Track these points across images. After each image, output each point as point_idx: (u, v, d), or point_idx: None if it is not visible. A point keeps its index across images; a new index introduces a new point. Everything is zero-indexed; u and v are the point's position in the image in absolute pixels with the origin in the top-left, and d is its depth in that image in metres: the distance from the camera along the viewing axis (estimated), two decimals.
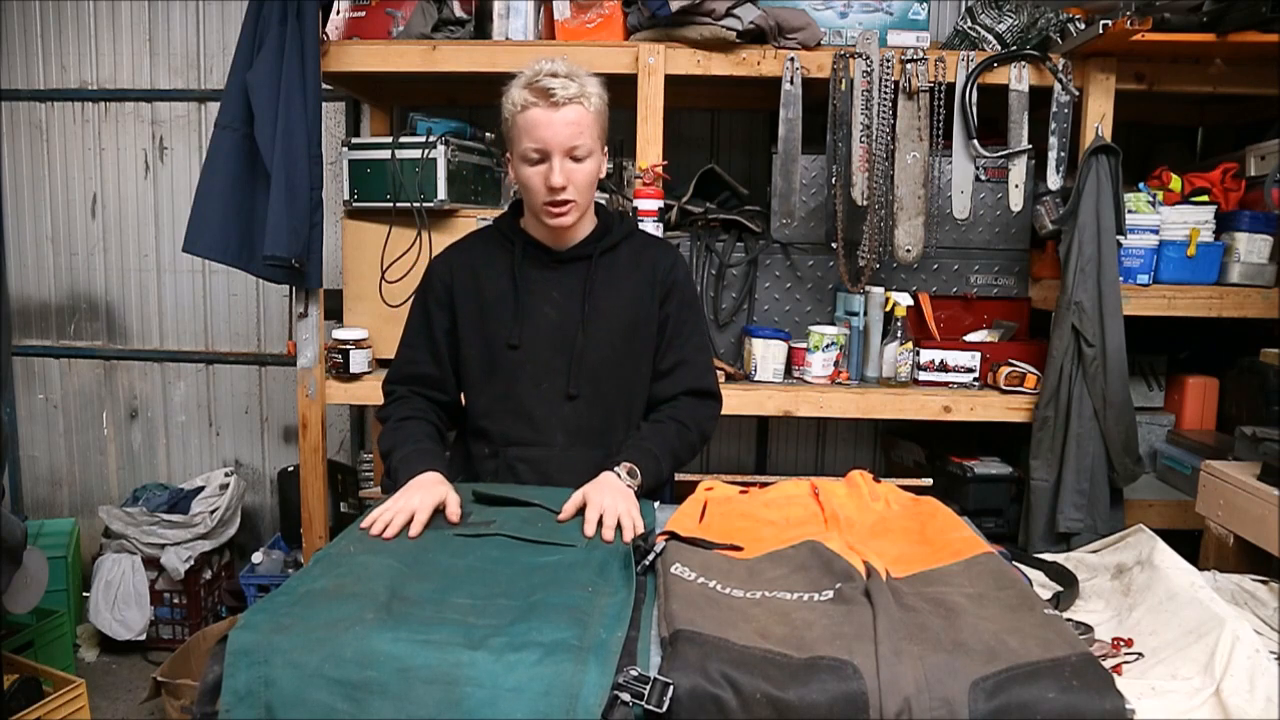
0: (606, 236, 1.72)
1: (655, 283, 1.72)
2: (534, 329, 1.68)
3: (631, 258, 1.73)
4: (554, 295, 1.69)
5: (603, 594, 1.12)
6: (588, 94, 1.57)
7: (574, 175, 1.58)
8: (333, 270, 2.85)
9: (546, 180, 1.57)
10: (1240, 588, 1.60)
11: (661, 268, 1.73)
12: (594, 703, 0.92)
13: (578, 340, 1.67)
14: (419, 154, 2.47)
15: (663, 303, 1.73)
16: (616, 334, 1.69)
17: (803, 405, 2.49)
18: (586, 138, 1.57)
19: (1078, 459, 2.37)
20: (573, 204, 1.61)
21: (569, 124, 1.55)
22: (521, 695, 0.92)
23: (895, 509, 1.48)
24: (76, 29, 3.36)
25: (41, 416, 3.55)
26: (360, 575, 1.13)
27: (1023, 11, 2.51)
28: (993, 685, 0.94)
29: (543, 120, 1.55)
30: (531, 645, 0.97)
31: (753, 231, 2.66)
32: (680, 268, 1.77)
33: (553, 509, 1.45)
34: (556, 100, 1.54)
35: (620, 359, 1.70)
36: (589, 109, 1.58)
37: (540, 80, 1.55)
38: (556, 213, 1.61)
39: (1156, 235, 2.47)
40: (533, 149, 1.57)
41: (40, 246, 3.47)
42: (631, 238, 1.76)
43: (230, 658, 0.97)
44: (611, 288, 1.70)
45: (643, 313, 1.72)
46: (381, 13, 2.59)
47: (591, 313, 1.67)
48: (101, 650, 3.16)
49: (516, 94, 1.57)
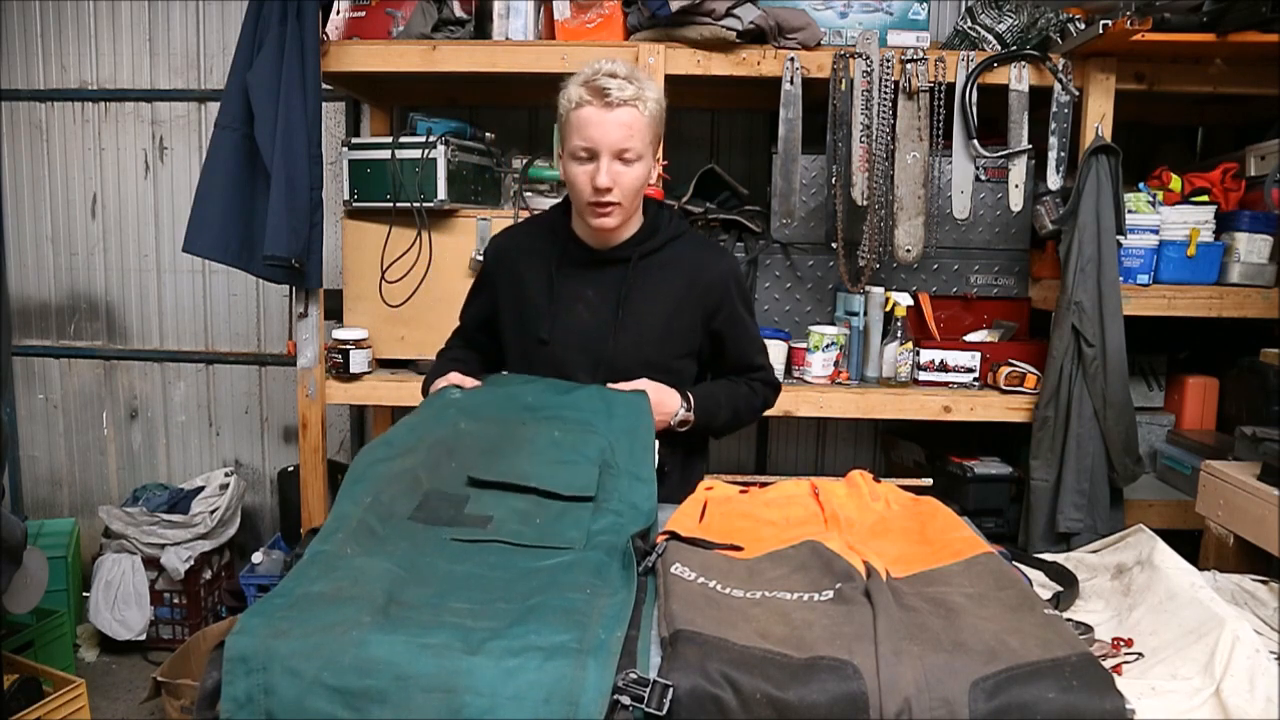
0: (650, 239, 1.69)
1: (701, 291, 1.69)
2: (565, 327, 1.68)
3: (676, 262, 1.70)
4: (588, 294, 1.68)
5: (601, 595, 1.12)
6: (644, 98, 1.56)
7: (621, 178, 1.57)
8: (333, 270, 2.85)
9: (593, 179, 1.56)
10: (1240, 588, 1.60)
11: (708, 277, 1.70)
12: (594, 708, 0.91)
13: (608, 346, 1.66)
14: (419, 154, 2.47)
15: (713, 314, 1.71)
16: (649, 341, 1.68)
17: (803, 405, 2.49)
18: (637, 141, 1.56)
19: (1078, 459, 2.37)
20: (617, 206, 1.59)
21: (621, 125, 1.54)
22: (522, 703, 0.92)
23: (895, 509, 1.48)
24: (76, 29, 3.36)
25: (41, 416, 3.55)
26: (357, 578, 1.13)
27: (1023, 11, 2.51)
28: (993, 685, 0.94)
29: (595, 119, 1.54)
30: (531, 650, 0.97)
31: (753, 231, 2.66)
32: (732, 273, 1.74)
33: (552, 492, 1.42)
34: (611, 101, 1.52)
35: (651, 364, 1.68)
36: (643, 113, 1.56)
37: (598, 79, 1.54)
38: (600, 213, 1.60)
39: (1156, 235, 2.47)
40: (582, 147, 1.56)
41: (40, 246, 3.47)
42: (679, 240, 1.72)
43: (228, 664, 0.96)
44: (649, 293, 1.67)
45: (681, 321, 1.69)
46: (381, 13, 2.59)
47: (625, 318, 1.66)
48: (101, 650, 3.16)
49: (573, 91, 1.56)
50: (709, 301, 1.70)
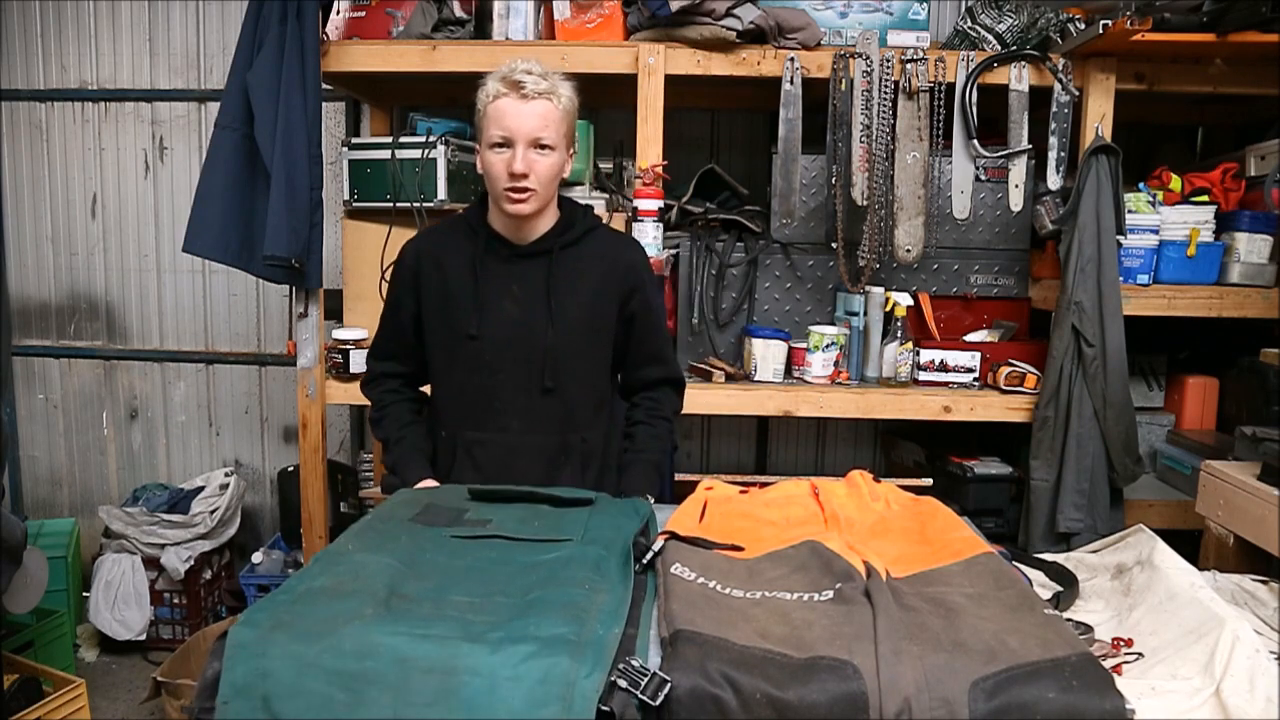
0: (568, 231, 1.75)
1: (617, 279, 1.76)
2: (493, 321, 1.72)
3: (594, 253, 1.76)
4: (514, 289, 1.73)
5: (600, 591, 1.12)
6: (558, 93, 1.64)
7: (536, 165, 1.63)
8: (333, 270, 2.85)
9: (509, 166, 1.62)
10: (1240, 588, 1.60)
11: (624, 264, 1.78)
12: (591, 689, 0.92)
13: (542, 338, 1.71)
14: (419, 154, 2.47)
15: (628, 299, 1.77)
16: (579, 331, 1.74)
17: (803, 405, 2.49)
18: (552, 131, 1.63)
19: (1078, 459, 2.37)
20: (533, 193, 1.65)
21: (536, 115, 1.61)
22: (519, 683, 0.92)
23: (895, 509, 1.48)
24: (76, 29, 3.36)
25: (41, 416, 3.55)
26: (359, 574, 1.14)
27: (1023, 11, 2.51)
28: (993, 685, 0.94)
29: (511, 110, 1.61)
30: (529, 639, 0.97)
31: (753, 231, 2.66)
32: (643, 262, 1.82)
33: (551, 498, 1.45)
34: (527, 93, 1.60)
35: (581, 353, 1.76)
36: (557, 106, 1.64)
37: (514, 74, 1.62)
38: (516, 199, 1.65)
39: (1156, 235, 2.47)
40: (499, 135, 1.63)
41: (40, 246, 3.47)
42: (594, 232, 1.79)
43: (229, 651, 0.97)
44: (572, 284, 1.73)
45: (604, 308, 1.76)
46: (381, 13, 2.59)
47: (555, 309, 1.72)
48: (101, 650, 3.16)
49: (490, 85, 1.64)
50: (624, 287, 1.77)
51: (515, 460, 1.73)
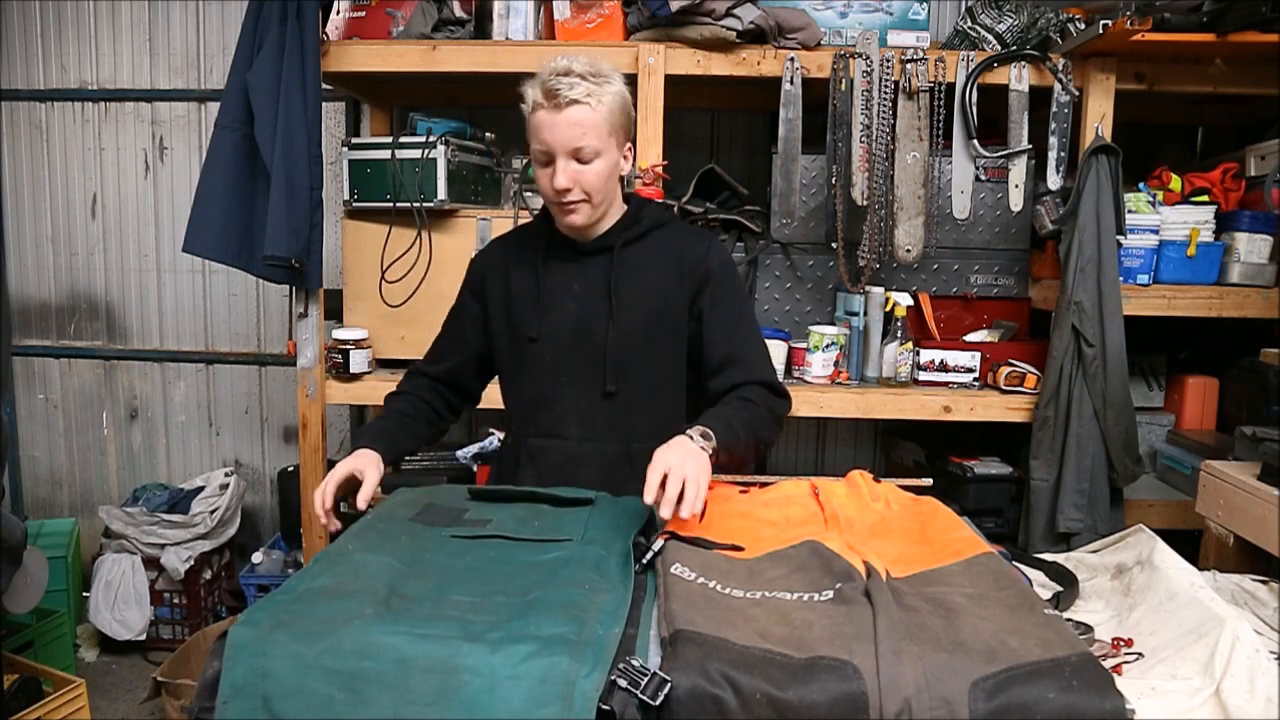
0: (633, 227, 1.69)
1: (684, 273, 1.66)
2: (554, 322, 1.67)
3: (659, 248, 1.68)
4: (575, 288, 1.67)
5: (599, 590, 1.12)
6: (597, 92, 1.54)
7: (580, 176, 1.56)
8: (333, 270, 2.85)
9: (553, 181, 1.57)
10: (1240, 588, 1.60)
11: (691, 257, 1.66)
12: (591, 689, 0.92)
13: (602, 336, 1.65)
14: (419, 154, 2.47)
15: (695, 295, 1.66)
16: (639, 327, 1.65)
17: (803, 405, 2.49)
18: (591, 138, 1.54)
19: (1078, 459, 2.37)
20: (582, 204, 1.59)
21: (572, 125, 1.53)
22: (519, 682, 0.93)
23: (895, 509, 1.48)
24: (76, 29, 3.36)
25: (41, 416, 3.55)
26: (359, 573, 1.14)
27: (1023, 11, 2.51)
28: (993, 685, 0.94)
29: (547, 122, 1.54)
30: (529, 639, 0.98)
31: (753, 231, 2.66)
32: (715, 256, 1.69)
33: (554, 498, 1.45)
34: (560, 101, 1.52)
35: (645, 352, 1.66)
36: (596, 108, 1.54)
37: (549, 81, 1.53)
38: (566, 211, 1.61)
39: (1156, 235, 2.47)
40: (540, 151, 1.58)
41: (40, 246, 3.47)
42: (663, 227, 1.71)
43: (229, 651, 0.97)
44: (635, 279, 1.66)
45: (669, 304, 1.66)
46: (381, 13, 2.59)
47: (617, 306, 1.65)
48: (101, 650, 3.16)
49: (529, 93, 1.57)
50: (693, 281, 1.66)
51: (576, 469, 1.64)
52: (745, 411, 1.56)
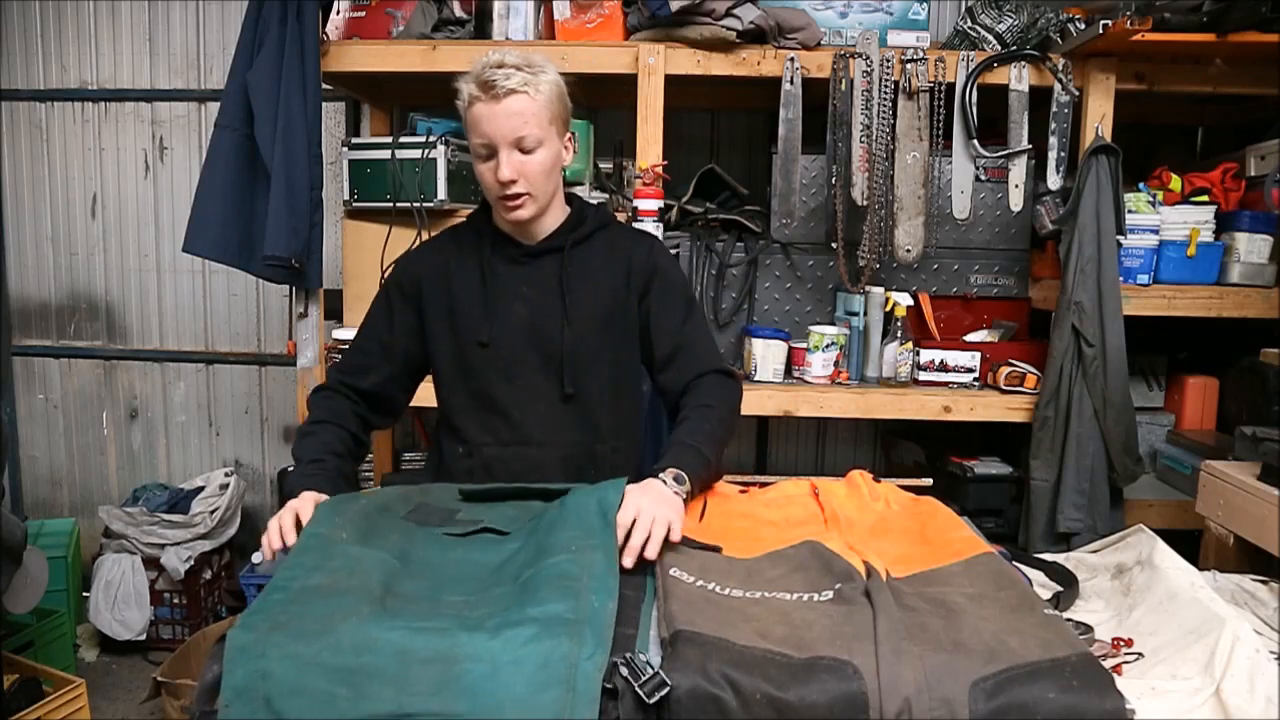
0: (579, 227, 1.67)
1: (632, 272, 1.66)
2: (505, 326, 1.63)
3: (606, 249, 1.67)
4: (525, 290, 1.64)
5: (585, 549, 1.13)
6: (533, 82, 1.51)
7: (524, 167, 1.53)
8: (333, 270, 2.85)
9: (496, 174, 1.54)
10: (1240, 588, 1.60)
11: (638, 256, 1.67)
12: (593, 670, 0.92)
13: (557, 338, 1.63)
14: (419, 154, 2.47)
15: (643, 294, 1.67)
16: (593, 327, 1.64)
17: (803, 405, 2.49)
18: (533, 127, 1.52)
19: (1078, 459, 2.37)
20: (526, 196, 1.56)
21: (512, 115, 1.50)
22: (521, 667, 0.93)
23: (895, 509, 1.48)
24: (76, 29, 3.36)
25: (41, 416, 3.55)
26: (353, 568, 1.14)
27: (1023, 11, 2.51)
28: (993, 685, 0.94)
29: (485, 114, 1.51)
30: (528, 621, 0.98)
31: (753, 231, 2.66)
32: (659, 254, 1.71)
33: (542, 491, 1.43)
34: (497, 92, 1.49)
35: (601, 352, 1.65)
36: (535, 97, 1.51)
37: (484, 73, 1.51)
38: (511, 206, 1.57)
39: (1156, 235, 2.47)
40: (480, 144, 1.54)
41: (40, 246, 3.47)
42: (607, 229, 1.69)
43: (229, 654, 0.97)
44: (586, 280, 1.65)
45: (619, 305, 1.66)
46: (381, 13, 2.59)
47: (570, 308, 1.63)
48: (101, 650, 3.16)
49: (463, 89, 1.54)
50: (639, 281, 1.66)
51: (540, 476, 1.58)
52: (708, 425, 1.55)
